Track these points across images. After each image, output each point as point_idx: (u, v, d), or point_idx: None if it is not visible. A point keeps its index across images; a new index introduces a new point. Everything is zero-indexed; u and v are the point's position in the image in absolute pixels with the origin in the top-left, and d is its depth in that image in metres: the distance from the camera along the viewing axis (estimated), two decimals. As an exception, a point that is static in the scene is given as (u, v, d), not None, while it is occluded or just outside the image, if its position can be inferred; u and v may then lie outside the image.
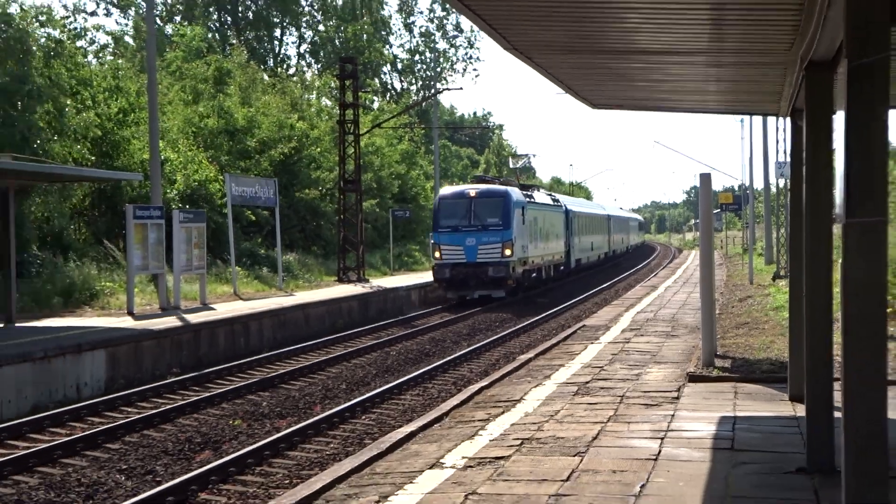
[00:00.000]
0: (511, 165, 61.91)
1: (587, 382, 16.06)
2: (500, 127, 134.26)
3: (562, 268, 51.79)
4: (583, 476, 9.90)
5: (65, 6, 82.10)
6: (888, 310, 22.21)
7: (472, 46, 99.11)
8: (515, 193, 41.23)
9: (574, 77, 14.67)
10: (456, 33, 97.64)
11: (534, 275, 43.83)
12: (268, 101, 54.79)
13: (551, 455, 10.89)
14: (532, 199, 44.73)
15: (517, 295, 41.00)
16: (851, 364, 5.71)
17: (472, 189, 40.97)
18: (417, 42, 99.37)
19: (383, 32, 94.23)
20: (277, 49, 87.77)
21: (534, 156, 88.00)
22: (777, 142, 42.89)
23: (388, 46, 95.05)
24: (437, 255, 39.40)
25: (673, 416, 13.00)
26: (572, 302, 39.36)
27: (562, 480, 9.74)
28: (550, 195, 54.87)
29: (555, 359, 19.51)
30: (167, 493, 11.99)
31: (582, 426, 12.44)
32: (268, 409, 17.80)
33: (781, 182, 45.37)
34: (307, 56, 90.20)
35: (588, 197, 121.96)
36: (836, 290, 6.71)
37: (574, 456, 10.78)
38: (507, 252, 38.42)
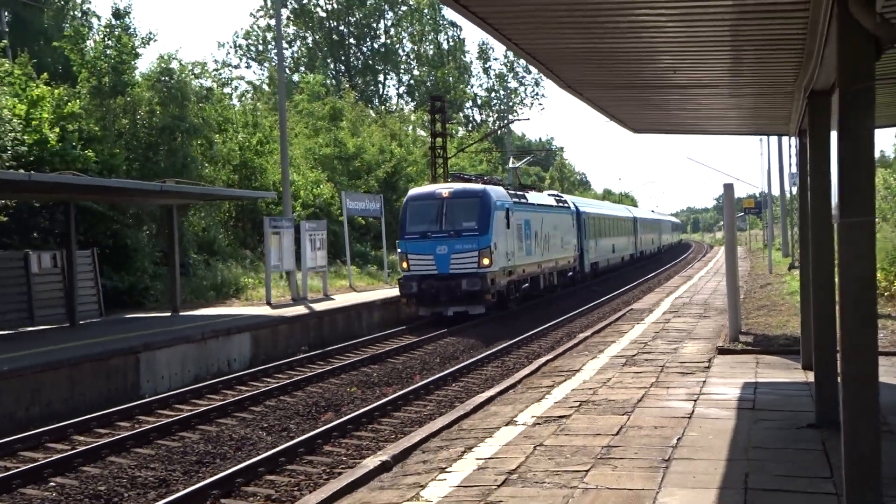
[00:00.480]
0: (510, 165, 45.55)
1: (634, 355, 15.96)
2: (561, 149, 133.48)
3: (570, 273, 39.31)
4: (629, 431, 9.87)
5: (215, 60, 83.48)
6: (886, 293, 21.72)
7: (537, 85, 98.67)
8: (496, 193, 29.08)
9: (618, 108, 14.59)
10: (524, 74, 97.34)
11: (525, 285, 31.92)
12: (372, 132, 55.25)
13: (604, 414, 10.87)
14: (523, 200, 32.32)
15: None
16: (848, 338, 5.65)
17: (444, 189, 28.60)
18: (493, 82, 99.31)
19: (466, 75, 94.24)
20: (381, 91, 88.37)
21: (533, 156, 73.96)
22: (790, 156, 42.29)
23: (469, 86, 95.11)
24: (404, 265, 27.81)
25: (704, 382, 12.89)
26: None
27: (612, 434, 9.72)
28: (556, 196, 40.84)
29: (607, 336, 19.40)
30: (299, 445, 12.15)
31: (629, 391, 12.38)
32: (377, 379, 17.96)
33: (794, 189, 44.64)
34: (405, 96, 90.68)
35: (634, 204, 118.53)
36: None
37: (622, 415, 10.75)
38: (485, 261, 26.90)
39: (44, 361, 15.95)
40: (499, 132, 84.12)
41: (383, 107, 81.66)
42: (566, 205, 39.99)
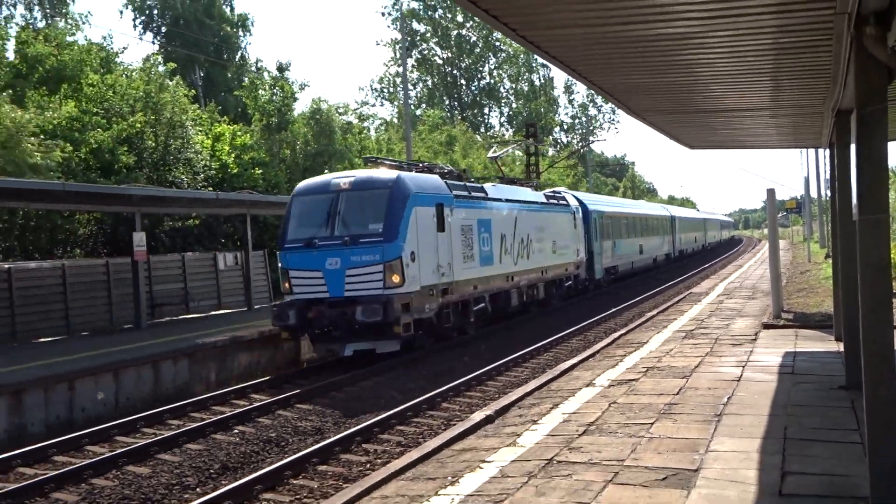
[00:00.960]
0: (490, 155, 30.92)
1: (692, 330, 15.62)
2: (633, 164, 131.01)
3: (569, 283, 26.81)
4: (688, 391, 9.69)
5: (355, 101, 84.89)
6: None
7: (613, 112, 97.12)
8: (419, 183, 17.15)
9: (675, 129, 14.32)
10: (602, 104, 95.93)
11: (480, 305, 19.74)
12: (480, 154, 55.41)
13: (666, 378, 10.69)
14: (475, 194, 19.71)
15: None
16: (867, 314, 5.53)
17: (343, 178, 17.00)
18: (576, 111, 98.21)
19: (554, 106, 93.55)
20: (486, 121, 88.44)
21: (518, 144, 48.29)
22: (824, 165, 40.61)
23: (557, 115, 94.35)
24: (286, 285, 16.55)
25: (751, 351, 12.53)
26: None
27: (673, 394, 9.56)
28: (555, 193, 27.49)
29: (670, 315, 19.02)
30: (422, 402, 12.30)
31: (687, 359, 12.14)
32: (485, 351, 17.92)
33: (828, 192, 42.95)
34: (505, 124, 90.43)
35: (693, 206, 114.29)
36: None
37: (682, 378, 10.55)
38: (394, 278, 15.82)
39: (232, 337, 16.55)
40: (581, 151, 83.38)
41: (488, 133, 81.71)
42: (563, 202, 26.96)
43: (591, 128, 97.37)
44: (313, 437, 11.00)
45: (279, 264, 16.85)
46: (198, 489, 9.11)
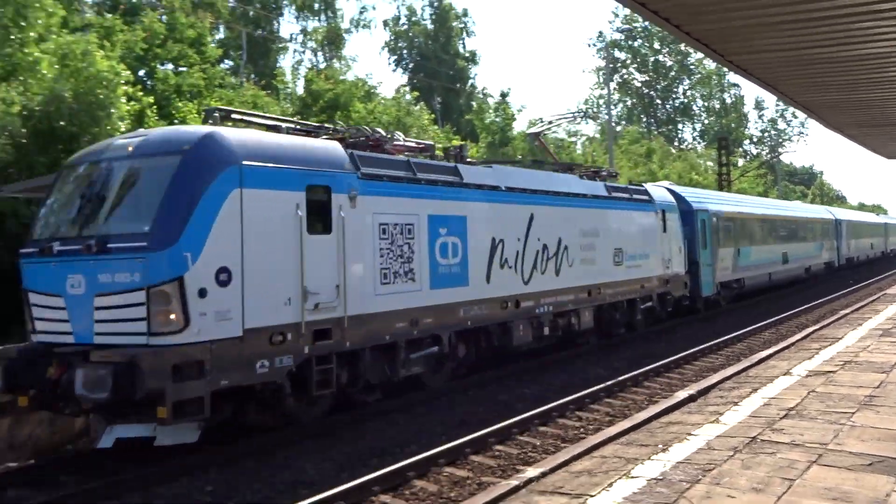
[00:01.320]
0: (530, 131, 21.39)
1: (889, 329, 14.02)
2: (821, 173, 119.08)
3: (648, 303, 17.10)
4: (888, 385, 8.76)
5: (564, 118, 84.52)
6: None
7: (803, 126, 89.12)
8: (258, 148, 7.60)
9: (872, 141, 13.00)
10: (791, 119, 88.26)
11: (432, 349, 10.35)
12: (675, 165, 53.18)
13: (865, 372, 9.72)
14: (432, 178, 10.36)
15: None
16: None
17: (132, 139, 7.77)
18: (766, 125, 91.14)
19: (744, 121, 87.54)
20: (681, 135, 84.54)
21: (566, 118, 21.39)
22: None
23: (747, 129, 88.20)
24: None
25: (952, 352, 11.08)
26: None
27: (873, 387, 8.68)
28: (630, 186, 17.41)
29: (865, 314, 17.17)
30: (627, 379, 12.04)
31: (886, 355, 10.94)
32: (680, 340, 17.11)
33: None
34: (698, 138, 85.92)
35: (883, 212, 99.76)
36: None
37: (881, 373, 9.54)
38: (171, 316, 6.44)
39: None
40: (770, 161, 77.51)
41: (682, 146, 78.05)
42: (642, 196, 17.19)
43: (781, 140, 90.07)
44: (536, 404, 10.92)
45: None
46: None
